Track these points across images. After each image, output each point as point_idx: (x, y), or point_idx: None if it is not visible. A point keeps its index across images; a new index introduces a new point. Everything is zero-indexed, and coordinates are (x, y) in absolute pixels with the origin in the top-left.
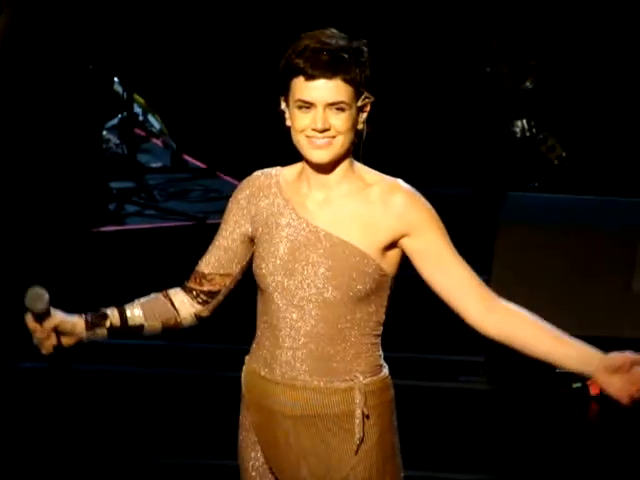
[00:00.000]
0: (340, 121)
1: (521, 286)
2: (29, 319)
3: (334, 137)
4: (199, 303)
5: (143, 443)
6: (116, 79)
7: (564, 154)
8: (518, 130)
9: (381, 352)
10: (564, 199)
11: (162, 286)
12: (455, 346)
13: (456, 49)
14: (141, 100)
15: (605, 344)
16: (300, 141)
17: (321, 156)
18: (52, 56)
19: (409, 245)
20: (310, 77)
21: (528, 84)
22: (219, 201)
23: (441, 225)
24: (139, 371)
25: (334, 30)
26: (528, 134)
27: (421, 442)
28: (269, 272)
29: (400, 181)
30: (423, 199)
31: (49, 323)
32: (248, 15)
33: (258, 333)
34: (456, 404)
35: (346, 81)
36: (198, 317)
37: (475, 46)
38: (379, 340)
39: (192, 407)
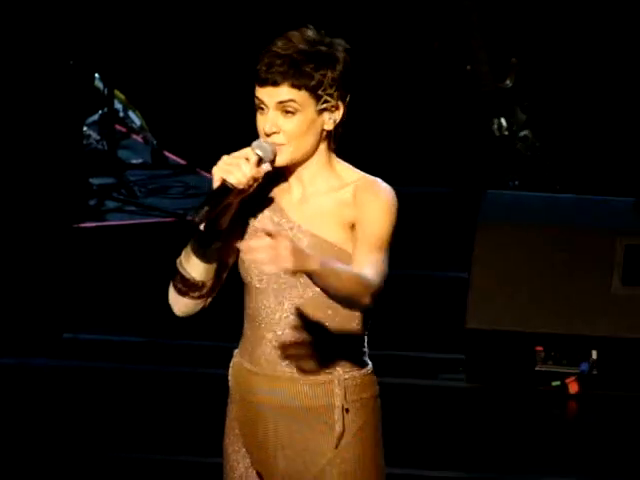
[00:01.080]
0: (290, 125)
1: (500, 285)
2: (254, 158)
3: (284, 144)
4: None
5: (131, 440)
6: (97, 75)
7: (538, 144)
8: (497, 128)
9: (366, 348)
10: (544, 197)
11: (142, 282)
12: (435, 344)
13: (436, 47)
14: (122, 96)
15: (585, 343)
16: None
17: (278, 162)
18: (33, 51)
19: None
20: (261, 82)
21: (508, 82)
22: (199, 197)
23: (386, 225)
24: (128, 368)
25: (309, 31)
26: (507, 132)
27: (401, 440)
28: (253, 267)
29: (379, 180)
30: (389, 197)
31: (260, 172)
32: (229, 12)
33: (244, 326)
34: (435, 402)
35: (294, 86)
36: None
37: (455, 44)
38: (363, 336)
39: (181, 405)
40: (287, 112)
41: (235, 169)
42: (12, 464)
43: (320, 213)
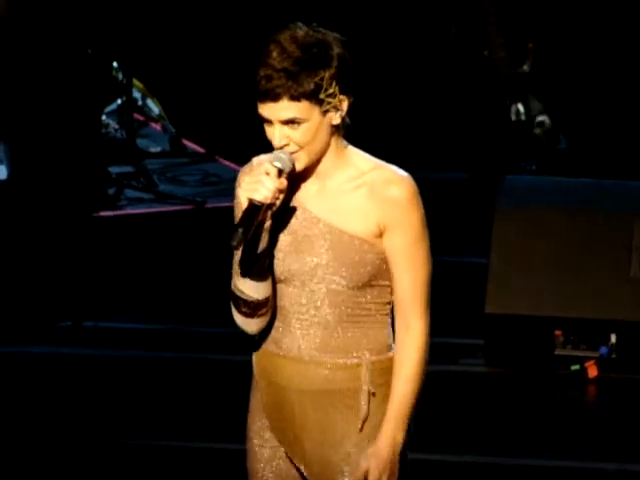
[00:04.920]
0: (298, 134)
1: (519, 269)
2: (274, 170)
3: (297, 151)
4: None
5: (152, 427)
6: (115, 64)
7: (561, 137)
8: (515, 113)
9: (390, 332)
10: (561, 182)
11: (161, 270)
12: (454, 329)
13: (454, 33)
14: (140, 85)
15: (604, 326)
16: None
17: (297, 168)
18: (51, 41)
19: (384, 239)
20: (261, 98)
21: (525, 67)
22: (218, 185)
23: (420, 233)
24: (148, 355)
25: (300, 31)
26: (525, 117)
27: (421, 425)
28: (276, 261)
29: (397, 170)
30: (418, 198)
31: (283, 183)
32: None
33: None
34: (455, 386)
35: (293, 98)
36: None
37: (472, 30)
38: (388, 320)
39: (202, 392)
40: (293, 124)
41: (259, 186)
42: (29, 453)
43: (340, 205)
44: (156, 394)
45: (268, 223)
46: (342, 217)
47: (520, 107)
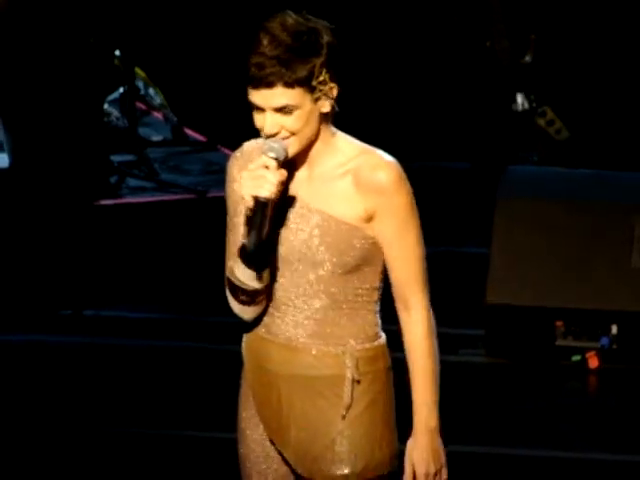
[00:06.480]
0: (290, 122)
1: (520, 260)
2: (274, 163)
3: (288, 137)
4: None
5: (152, 416)
6: (117, 52)
7: (563, 128)
8: (517, 104)
9: (378, 320)
10: (563, 173)
11: (162, 259)
12: (455, 319)
13: (456, 21)
14: (142, 73)
15: (604, 317)
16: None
17: (290, 154)
18: (53, 29)
19: (373, 225)
20: (254, 85)
21: (528, 58)
22: (220, 174)
23: (410, 215)
24: (148, 344)
25: (289, 18)
26: (527, 108)
27: None
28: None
29: (383, 155)
30: (404, 181)
31: (283, 174)
32: None
33: None
34: (456, 377)
35: (287, 85)
36: None
37: (475, 20)
38: (375, 307)
39: (203, 380)
40: (286, 111)
41: (262, 182)
42: (29, 442)
43: (328, 191)
44: (156, 383)
45: (271, 216)
46: (331, 203)
47: (524, 97)
